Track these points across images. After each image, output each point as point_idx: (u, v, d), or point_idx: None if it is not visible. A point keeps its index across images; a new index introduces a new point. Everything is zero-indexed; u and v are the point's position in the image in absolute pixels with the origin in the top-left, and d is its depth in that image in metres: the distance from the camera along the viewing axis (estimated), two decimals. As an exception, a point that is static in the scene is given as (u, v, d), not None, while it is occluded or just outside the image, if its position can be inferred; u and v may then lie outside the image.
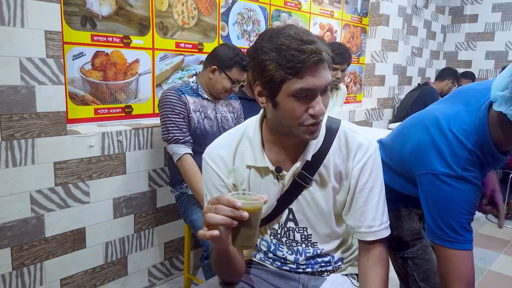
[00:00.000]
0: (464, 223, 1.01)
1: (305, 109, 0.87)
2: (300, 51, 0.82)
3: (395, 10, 3.84)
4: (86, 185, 1.81)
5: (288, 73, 0.83)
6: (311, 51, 0.82)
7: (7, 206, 1.57)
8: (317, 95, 0.86)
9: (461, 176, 1.00)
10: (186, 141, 1.76)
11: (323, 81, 0.85)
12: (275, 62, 0.84)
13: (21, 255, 1.64)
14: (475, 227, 3.21)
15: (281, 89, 0.86)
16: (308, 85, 0.84)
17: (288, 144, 0.98)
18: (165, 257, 2.23)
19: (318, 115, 0.86)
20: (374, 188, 0.99)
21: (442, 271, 1.05)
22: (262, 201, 0.82)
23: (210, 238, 0.79)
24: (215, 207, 0.79)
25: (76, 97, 1.86)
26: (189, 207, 1.83)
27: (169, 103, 1.76)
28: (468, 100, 1.07)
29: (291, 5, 2.93)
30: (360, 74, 3.88)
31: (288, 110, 0.87)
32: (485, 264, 2.57)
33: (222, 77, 1.82)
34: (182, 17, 2.21)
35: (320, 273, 1.08)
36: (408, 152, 1.12)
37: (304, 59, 0.82)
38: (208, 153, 1.04)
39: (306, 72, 0.83)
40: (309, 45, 0.82)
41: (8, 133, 1.53)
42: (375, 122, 3.91)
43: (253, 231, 0.82)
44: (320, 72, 0.84)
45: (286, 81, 0.84)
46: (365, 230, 0.99)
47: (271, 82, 0.86)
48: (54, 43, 1.60)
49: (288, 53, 0.82)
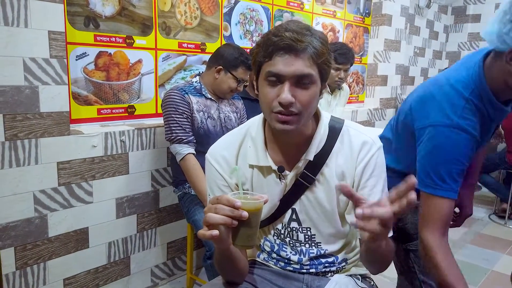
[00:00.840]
0: (453, 172, 1.06)
1: (275, 95, 0.87)
2: (276, 35, 0.85)
3: (397, 10, 3.83)
4: (89, 185, 1.81)
5: (264, 56, 0.87)
6: (285, 37, 0.84)
7: (11, 206, 1.57)
8: (285, 82, 0.86)
9: (457, 125, 1.04)
10: (189, 141, 1.77)
11: (292, 69, 0.85)
12: (259, 47, 0.89)
13: (24, 255, 1.65)
14: (478, 227, 3.21)
15: (260, 72, 0.90)
16: (275, 69, 0.85)
17: (290, 144, 0.98)
18: (167, 257, 2.23)
19: (282, 102, 0.85)
20: (376, 187, 0.97)
21: (422, 213, 1.11)
22: (262, 200, 0.81)
23: (210, 238, 0.79)
24: (215, 207, 0.79)
25: (79, 97, 1.87)
26: (192, 207, 1.83)
27: (173, 103, 1.76)
28: (465, 62, 1.14)
29: (293, 5, 2.93)
30: (362, 74, 3.88)
31: (262, 94, 0.90)
32: (488, 264, 2.56)
33: (227, 77, 1.82)
34: (184, 17, 2.22)
35: (324, 274, 1.08)
36: (411, 110, 1.17)
37: (275, 42, 0.84)
38: (211, 153, 1.04)
39: (276, 56, 0.85)
40: (287, 32, 0.84)
41: (11, 133, 1.53)
42: (378, 122, 3.91)
43: (253, 230, 0.82)
44: (293, 60, 0.85)
45: (262, 64, 0.89)
46: None
47: (255, 65, 0.91)
48: (58, 43, 1.61)
49: (267, 36, 0.87)
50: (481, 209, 3.68)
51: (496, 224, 3.32)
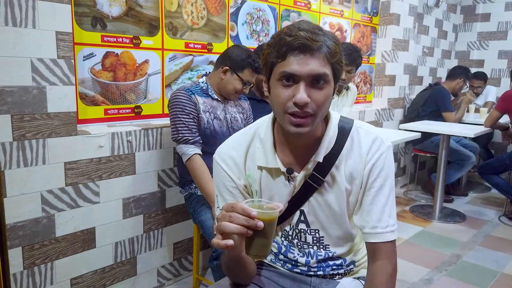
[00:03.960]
0: None
1: (289, 96, 0.86)
2: (289, 35, 0.83)
3: (406, 9, 3.80)
4: (96, 185, 1.82)
5: (277, 56, 0.86)
6: (300, 36, 0.82)
7: (19, 205, 1.58)
8: (300, 82, 0.85)
9: None
10: (196, 141, 1.76)
11: (307, 69, 0.84)
12: (271, 47, 0.87)
13: (32, 255, 1.65)
14: (487, 229, 3.17)
15: (272, 73, 0.89)
16: (290, 69, 0.84)
17: (300, 145, 0.96)
18: (174, 258, 2.23)
19: (298, 103, 0.84)
20: (383, 188, 0.95)
21: None
22: (277, 210, 0.80)
23: (224, 248, 0.77)
24: (229, 215, 0.77)
25: (86, 98, 1.87)
26: (198, 207, 1.83)
27: (179, 103, 1.76)
28: None
29: (300, 4, 2.91)
30: (370, 74, 3.85)
31: (275, 95, 0.88)
32: (498, 267, 2.53)
33: (233, 78, 1.82)
34: (191, 17, 2.21)
35: (332, 276, 1.07)
36: None
37: (289, 42, 0.83)
38: (219, 154, 1.03)
39: (290, 56, 0.84)
40: (301, 32, 0.83)
41: (19, 133, 1.54)
42: (386, 122, 3.88)
43: (268, 240, 0.80)
44: (308, 60, 0.84)
45: (275, 64, 0.87)
46: (368, 231, 0.95)
47: (266, 66, 0.90)
48: (65, 44, 1.61)
49: (280, 36, 0.85)
50: (490, 210, 3.63)
51: (506, 225, 3.27)
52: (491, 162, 3.50)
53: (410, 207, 3.62)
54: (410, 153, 4.18)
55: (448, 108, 3.66)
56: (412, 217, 3.38)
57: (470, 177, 4.57)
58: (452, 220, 3.32)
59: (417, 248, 2.78)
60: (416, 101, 3.89)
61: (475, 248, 2.81)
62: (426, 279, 2.35)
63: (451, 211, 3.52)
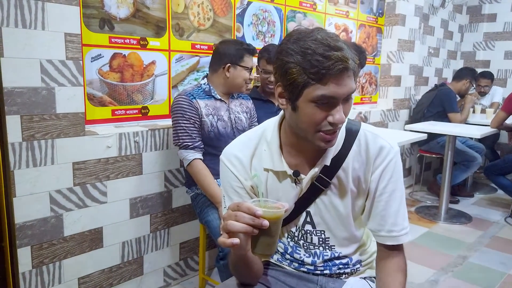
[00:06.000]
0: None
1: (324, 116, 0.85)
2: (326, 57, 0.80)
3: (411, 10, 3.79)
4: (103, 185, 1.83)
5: (311, 78, 0.82)
6: (337, 58, 0.80)
7: (28, 205, 1.60)
8: (338, 103, 0.84)
9: None
10: (196, 147, 1.77)
11: (346, 90, 0.83)
12: (299, 66, 0.82)
13: (40, 254, 1.67)
14: (493, 230, 3.15)
15: (303, 94, 0.85)
16: (330, 93, 0.82)
17: (307, 148, 0.97)
18: (180, 258, 2.25)
19: (337, 123, 0.85)
20: (395, 192, 0.97)
21: None
22: (283, 209, 0.80)
23: (230, 246, 0.78)
24: (235, 214, 0.78)
25: (94, 98, 1.89)
26: (205, 207, 1.84)
27: (180, 109, 1.77)
28: None
29: (306, 5, 2.92)
30: (375, 75, 3.85)
31: (307, 116, 0.86)
32: (504, 268, 2.52)
33: (238, 70, 1.83)
34: (197, 19, 2.23)
35: (338, 275, 1.07)
36: None
37: (329, 66, 0.80)
38: (225, 155, 1.03)
39: (329, 79, 0.81)
40: (336, 52, 0.80)
41: (28, 133, 1.56)
42: (391, 123, 3.87)
43: (274, 239, 0.81)
44: (345, 80, 0.83)
45: (308, 86, 0.83)
46: (385, 234, 0.98)
47: (293, 85, 0.85)
48: (74, 45, 1.63)
49: (313, 58, 0.80)
50: (496, 211, 3.61)
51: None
52: (497, 163, 3.48)
53: (416, 208, 3.61)
54: (415, 154, 4.17)
55: (454, 109, 3.64)
56: (417, 218, 3.37)
57: (476, 178, 4.55)
58: (458, 221, 3.31)
59: (423, 249, 2.77)
60: (421, 101, 3.88)
61: (481, 249, 2.80)
62: (432, 280, 2.35)
63: (457, 212, 3.51)
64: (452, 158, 3.31)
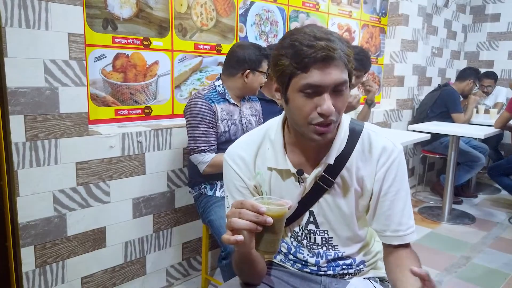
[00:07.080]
0: None
1: (313, 106, 0.86)
2: (309, 46, 0.82)
3: (414, 10, 3.78)
4: (106, 185, 1.84)
5: (296, 68, 0.84)
6: (320, 47, 0.81)
7: (31, 205, 1.60)
8: (325, 92, 0.85)
9: None
10: (211, 150, 1.77)
11: (330, 78, 0.83)
12: (286, 57, 0.85)
13: (43, 253, 1.68)
14: (497, 231, 3.14)
15: (290, 84, 0.87)
16: (314, 81, 0.83)
17: (310, 146, 0.97)
18: (183, 257, 2.25)
19: (325, 113, 0.85)
20: (400, 192, 0.96)
21: None
22: (286, 206, 0.80)
23: (234, 243, 0.78)
24: (239, 211, 0.78)
25: (97, 98, 1.89)
26: (208, 207, 1.84)
27: (200, 113, 1.74)
28: None
29: (309, 5, 2.92)
30: (378, 75, 3.84)
31: (297, 107, 0.87)
32: (508, 269, 2.51)
33: (256, 76, 1.84)
34: (200, 19, 2.23)
35: (342, 276, 1.07)
36: None
37: (311, 54, 0.82)
38: (229, 154, 1.03)
39: (313, 68, 0.83)
40: (320, 41, 0.82)
41: (32, 133, 1.56)
42: (394, 123, 3.86)
43: (277, 237, 0.81)
44: (330, 69, 0.83)
45: (294, 76, 0.85)
46: (390, 234, 0.97)
47: (282, 76, 0.87)
48: (77, 45, 1.63)
49: (298, 48, 0.83)
50: (500, 212, 3.60)
51: (517, 228, 3.24)
52: (501, 163, 3.47)
53: (419, 208, 3.60)
54: (419, 154, 4.16)
55: (458, 109, 3.63)
56: (421, 219, 3.36)
57: (480, 178, 4.53)
58: (462, 221, 3.29)
59: (426, 250, 2.76)
60: (425, 102, 3.87)
61: (485, 250, 2.79)
62: (436, 281, 2.32)
63: (460, 212, 3.50)
64: (455, 159, 3.30)
